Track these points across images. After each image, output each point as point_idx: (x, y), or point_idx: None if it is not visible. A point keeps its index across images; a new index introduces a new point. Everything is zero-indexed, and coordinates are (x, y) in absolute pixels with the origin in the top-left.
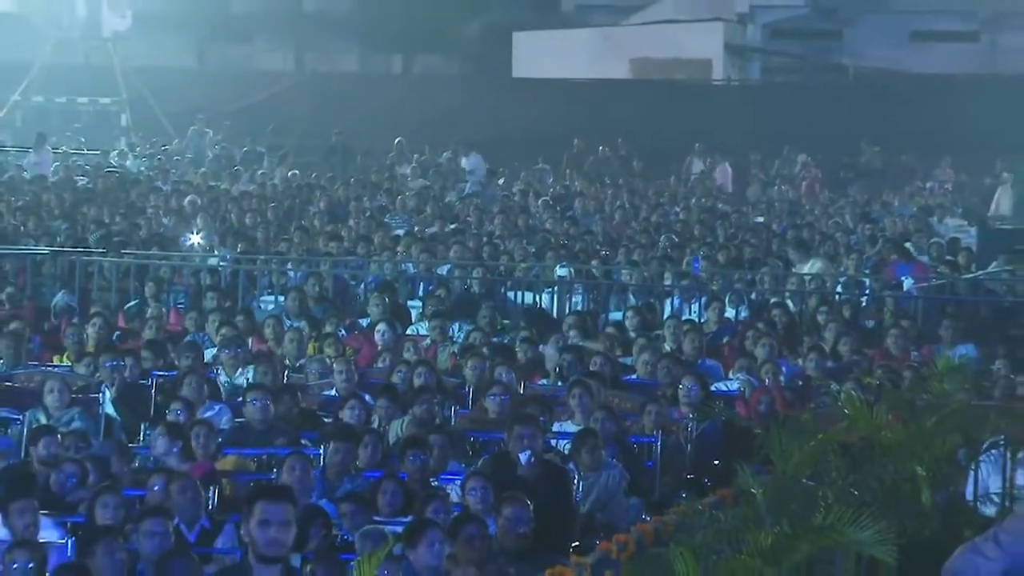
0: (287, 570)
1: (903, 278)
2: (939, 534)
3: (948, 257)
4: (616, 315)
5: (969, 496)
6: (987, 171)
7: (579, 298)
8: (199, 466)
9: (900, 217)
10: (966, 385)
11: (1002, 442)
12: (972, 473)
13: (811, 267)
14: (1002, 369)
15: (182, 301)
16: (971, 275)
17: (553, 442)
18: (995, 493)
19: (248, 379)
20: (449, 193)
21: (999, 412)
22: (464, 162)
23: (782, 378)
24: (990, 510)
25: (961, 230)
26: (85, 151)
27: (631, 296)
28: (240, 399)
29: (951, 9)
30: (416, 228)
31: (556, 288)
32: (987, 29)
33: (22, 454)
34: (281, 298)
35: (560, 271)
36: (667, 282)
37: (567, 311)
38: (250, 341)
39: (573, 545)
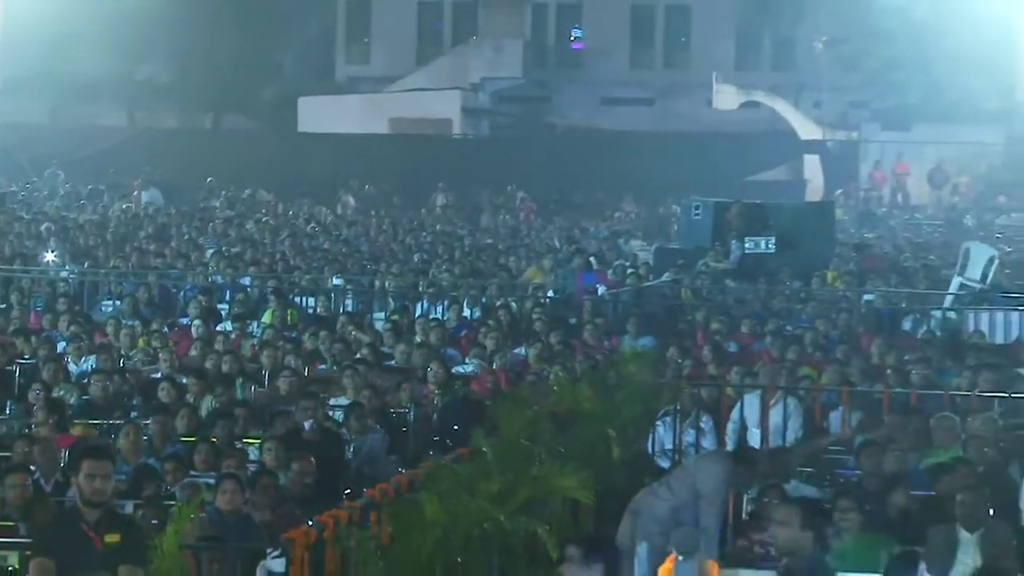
0: (108, 512)
1: (598, 285)
2: (626, 481)
3: (631, 269)
4: (379, 315)
5: (649, 451)
6: (660, 204)
7: (350, 302)
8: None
9: (595, 239)
10: (646, 367)
11: (673, 410)
12: (651, 434)
13: (529, 276)
14: (673, 355)
15: (40, 305)
16: (649, 283)
17: (331, 412)
18: (668, 449)
19: (91, 365)
20: (248, 220)
21: (671, 388)
22: (144, 196)
23: (505, 362)
24: (665, 463)
25: (641, 249)
26: None
27: (390, 300)
28: (85, 381)
29: (632, 81)
30: (223, 248)
31: (332, 294)
32: (659, 96)
33: None
34: (117, 302)
35: (335, 280)
36: (419, 289)
37: (340, 312)
38: (93, 336)
39: (346, 492)
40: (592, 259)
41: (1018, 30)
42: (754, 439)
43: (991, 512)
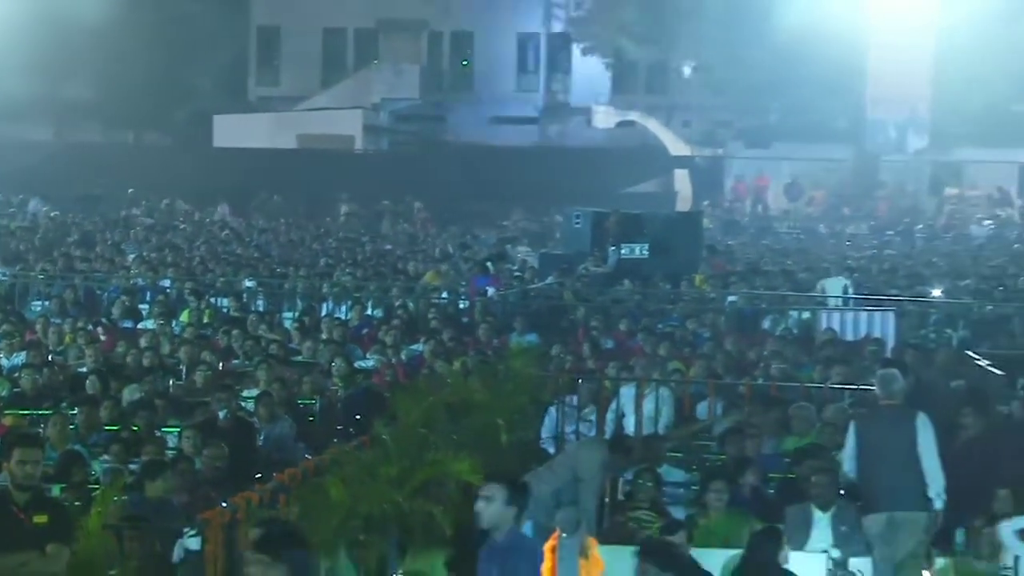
0: (37, 495)
1: (487, 287)
2: (513, 466)
3: (518, 273)
4: (288, 314)
5: (540, 437)
6: (544, 214)
7: (261, 302)
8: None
9: (486, 246)
10: (531, 362)
11: (557, 400)
12: (542, 421)
13: (428, 280)
14: (556, 351)
15: None
16: (534, 285)
17: (243, 403)
18: (552, 437)
19: (22, 360)
20: (167, 228)
21: (553, 380)
22: (31, 204)
23: (403, 357)
24: (551, 448)
25: (528, 255)
26: None
27: (298, 301)
28: (16, 374)
29: (518, 102)
30: (144, 253)
31: (245, 295)
32: (543, 116)
33: None
34: (46, 303)
35: (248, 283)
36: (324, 290)
37: (252, 311)
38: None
39: (257, 476)
40: (488, 264)
41: (865, 57)
42: (629, 427)
43: (841, 493)
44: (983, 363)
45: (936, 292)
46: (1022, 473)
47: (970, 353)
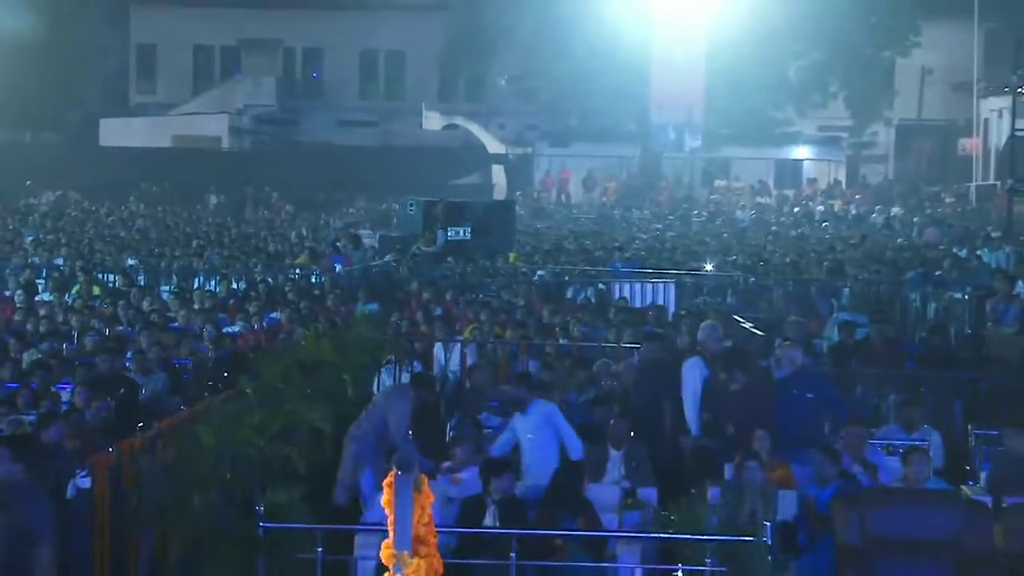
0: None
1: (337, 264)
2: (357, 415)
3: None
4: (165, 288)
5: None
6: (383, 202)
7: (142, 277)
8: None
9: (336, 229)
10: (372, 327)
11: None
12: (376, 378)
13: (301, 262)
14: (394, 318)
15: None
16: (375, 263)
17: (127, 363)
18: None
19: None
20: (61, 215)
21: (391, 342)
22: None
23: (264, 323)
24: None
25: (369, 237)
26: None
27: (174, 276)
28: None
29: (361, 108)
30: (41, 235)
31: (128, 271)
32: (382, 120)
33: None
34: None
35: (130, 261)
36: (196, 267)
37: (134, 285)
38: None
39: (139, 425)
40: (339, 244)
41: (648, 70)
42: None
43: (632, 434)
44: (747, 326)
45: (708, 267)
46: (775, 417)
47: (737, 318)
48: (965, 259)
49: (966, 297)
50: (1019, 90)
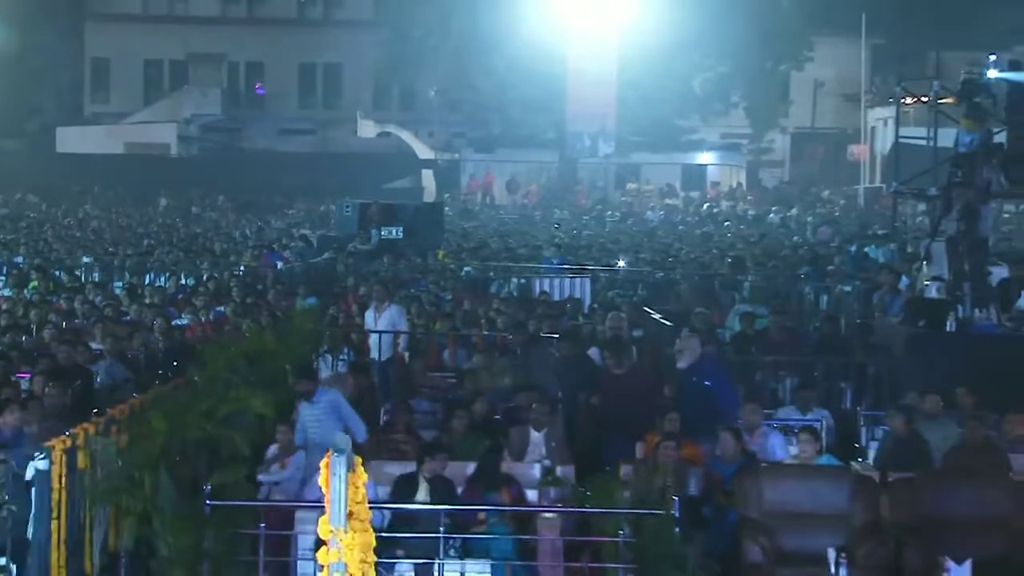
0: None
1: (276, 262)
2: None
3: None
4: (118, 284)
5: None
6: (322, 204)
7: (97, 274)
8: None
9: (276, 229)
10: (311, 319)
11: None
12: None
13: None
14: (331, 311)
15: None
16: (314, 260)
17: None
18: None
19: None
20: (20, 217)
21: (329, 334)
22: None
23: (211, 316)
24: None
25: (306, 239)
26: None
27: (127, 273)
28: None
29: (301, 117)
30: (1, 236)
31: (83, 268)
32: (320, 128)
33: None
34: None
35: (85, 259)
36: (147, 265)
37: (89, 281)
38: None
39: (95, 411)
40: (275, 246)
41: (565, 83)
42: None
43: (554, 417)
44: (657, 317)
45: (621, 263)
46: (663, 400)
47: (647, 309)
48: (854, 255)
49: (855, 290)
50: (902, 101)
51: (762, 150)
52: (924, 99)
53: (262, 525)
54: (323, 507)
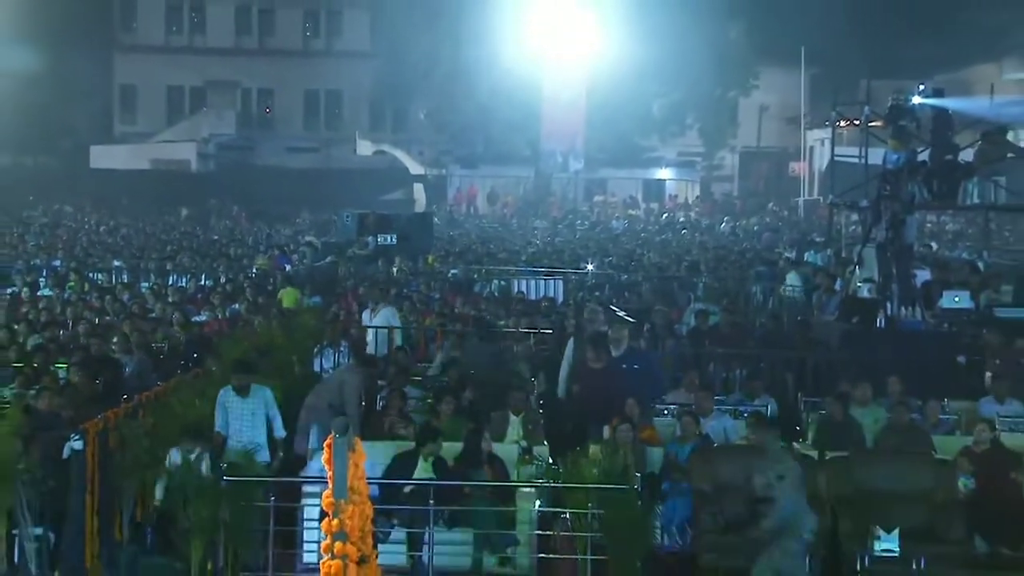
0: None
1: (287, 265)
2: (304, 388)
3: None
4: (144, 284)
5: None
6: (324, 214)
7: (125, 276)
8: None
9: (284, 235)
10: (315, 317)
11: (326, 344)
12: (319, 358)
13: (259, 264)
14: (333, 309)
15: None
16: (318, 264)
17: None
18: (329, 368)
19: None
20: (58, 224)
21: (331, 329)
22: None
23: (227, 313)
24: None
25: (311, 245)
26: None
27: (152, 275)
28: None
29: (306, 137)
30: (41, 241)
31: (113, 271)
32: (323, 146)
33: None
34: None
35: (116, 263)
36: (169, 268)
37: (118, 283)
38: None
39: (124, 397)
40: (286, 248)
41: (539, 106)
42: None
43: (531, 402)
44: (621, 314)
45: (590, 266)
46: (644, 388)
47: (612, 307)
48: (795, 260)
49: (796, 291)
50: (837, 124)
51: (714, 167)
52: (856, 122)
53: (272, 498)
54: (326, 481)
